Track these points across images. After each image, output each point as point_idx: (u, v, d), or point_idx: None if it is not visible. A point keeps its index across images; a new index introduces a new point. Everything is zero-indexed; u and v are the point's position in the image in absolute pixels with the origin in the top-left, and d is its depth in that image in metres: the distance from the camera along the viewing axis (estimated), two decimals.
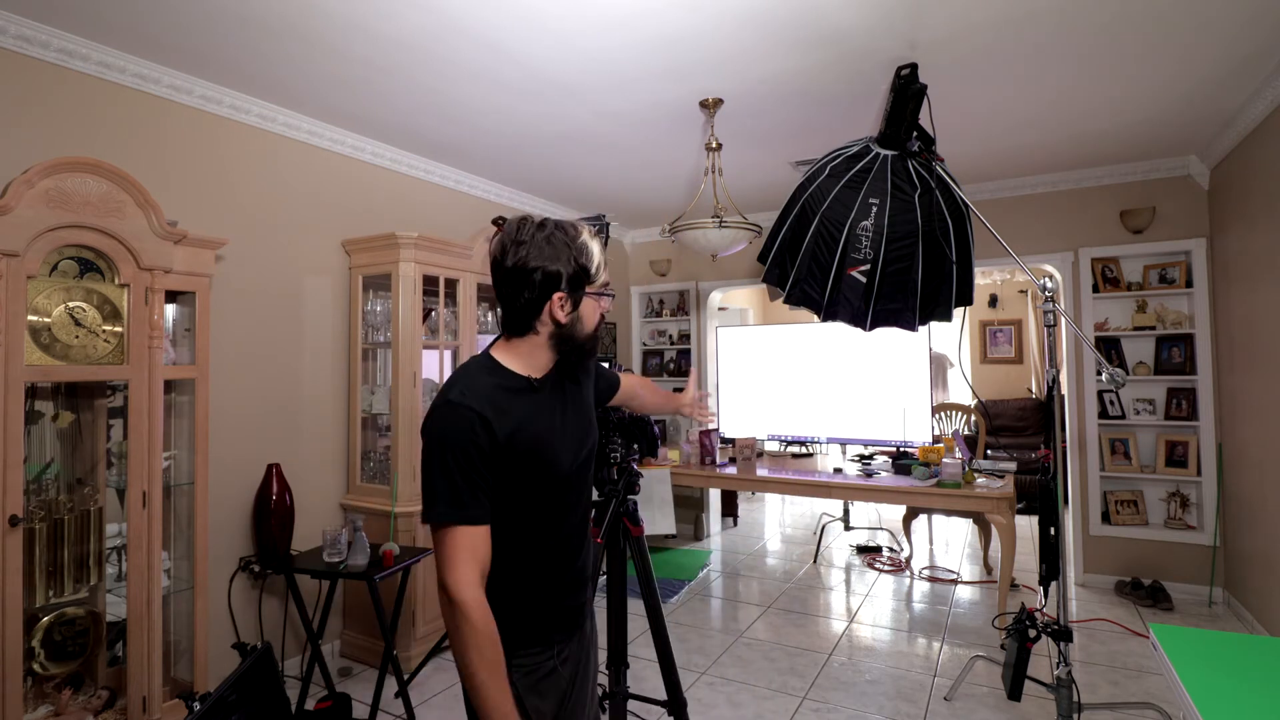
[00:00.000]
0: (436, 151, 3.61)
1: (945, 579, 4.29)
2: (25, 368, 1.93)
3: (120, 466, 2.24)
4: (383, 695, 2.65)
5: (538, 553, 1.22)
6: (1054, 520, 2.27)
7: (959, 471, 3.58)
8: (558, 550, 1.25)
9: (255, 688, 1.49)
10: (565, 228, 1.18)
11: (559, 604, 1.26)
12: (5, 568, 1.87)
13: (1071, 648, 2.42)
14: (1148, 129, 3.38)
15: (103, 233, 2.09)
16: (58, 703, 2.09)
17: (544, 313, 1.16)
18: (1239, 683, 1.30)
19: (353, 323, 3.30)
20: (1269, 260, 3.01)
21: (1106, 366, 2.07)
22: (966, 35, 2.37)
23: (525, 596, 1.22)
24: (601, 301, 1.22)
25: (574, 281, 1.16)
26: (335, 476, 3.26)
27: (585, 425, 1.29)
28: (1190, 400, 3.88)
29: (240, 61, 2.51)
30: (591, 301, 1.20)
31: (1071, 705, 2.18)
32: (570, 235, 1.17)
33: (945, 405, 5.71)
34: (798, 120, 3.18)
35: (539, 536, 1.22)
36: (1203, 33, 2.38)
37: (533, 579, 1.22)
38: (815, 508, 6.27)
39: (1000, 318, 7.72)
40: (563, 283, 1.14)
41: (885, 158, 2.36)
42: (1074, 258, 4.16)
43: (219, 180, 2.79)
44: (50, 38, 2.25)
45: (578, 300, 1.17)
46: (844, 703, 2.72)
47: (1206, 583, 3.80)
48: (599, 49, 2.45)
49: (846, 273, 2.44)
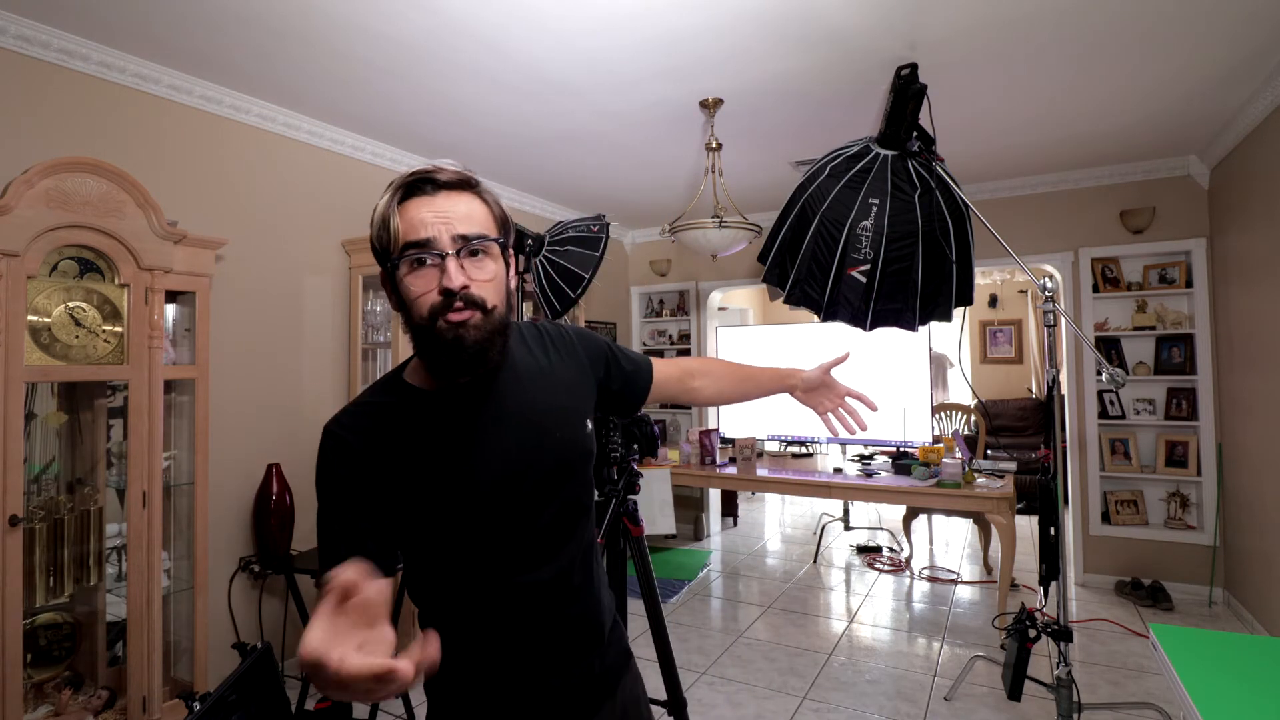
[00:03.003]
0: (437, 151, 3.60)
1: (945, 579, 4.29)
2: (25, 368, 1.93)
3: (120, 466, 2.24)
4: None
5: (478, 614, 0.92)
6: (1054, 520, 2.27)
7: (959, 471, 3.58)
8: (514, 606, 0.92)
9: (255, 688, 1.49)
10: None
11: (534, 685, 0.93)
12: (5, 568, 1.87)
13: (1071, 648, 2.42)
14: (1148, 129, 3.38)
15: (103, 233, 2.09)
16: (58, 703, 2.09)
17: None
18: (1239, 683, 1.30)
19: (353, 323, 3.30)
20: (1269, 260, 3.01)
21: (1106, 366, 2.07)
22: (966, 35, 2.37)
23: (471, 677, 0.93)
24: (411, 270, 0.85)
25: (379, 258, 0.89)
26: None
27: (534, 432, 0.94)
28: (1190, 400, 3.88)
29: (240, 61, 2.51)
30: (406, 273, 0.86)
31: (1071, 705, 2.18)
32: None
33: (945, 405, 5.71)
34: (798, 120, 3.18)
35: (470, 590, 0.92)
36: (1203, 33, 2.38)
37: (480, 651, 0.92)
38: (815, 508, 6.27)
39: (1000, 318, 7.72)
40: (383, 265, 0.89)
41: (885, 158, 2.36)
42: (1074, 258, 4.16)
43: (219, 180, 2.79)
44: (50, 38, 2.24)
45: (389, 278, 0.89)
46: (844, 703, 2.72)
47: (1206, 583, 3.80)
48: (599, 49, 2.45)
49: (846, 273, 2.44)
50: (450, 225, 0.85)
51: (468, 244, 0.85)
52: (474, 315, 0.85)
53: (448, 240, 0.84)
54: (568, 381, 1.03)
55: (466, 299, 0.84)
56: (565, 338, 1.08)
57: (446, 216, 0.85)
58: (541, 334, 1.07)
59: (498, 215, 0.92)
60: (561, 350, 1.05)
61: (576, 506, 0.99)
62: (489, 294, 0.87)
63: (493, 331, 0.87)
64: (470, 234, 0.86)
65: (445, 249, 0.84)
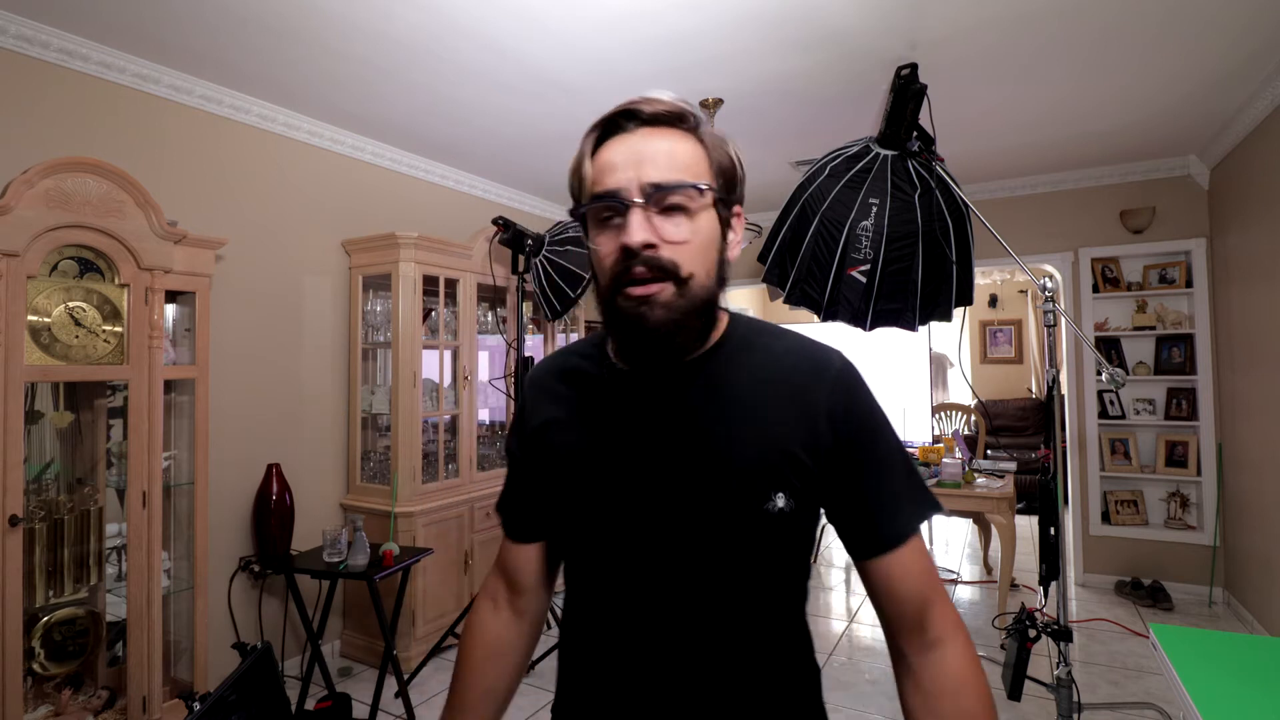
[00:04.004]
0: (436, 151, 3.61)
1: (945, 579, 4.29)
2: (25, 368, 1.93)
3: (120, 466, 2.24)
4: (383, 695, 2.65)
5: (584, 609, 0.82)
6: (1054, 520, 2.27)
7: (959, 471, 3.58)
8: (606, 621, 0.78)
9: (255, 688, 1.49)
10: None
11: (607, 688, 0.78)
12: (5, 568, 1.87)
13: (1071, 648, 2.42)
14: (1148, 129, 3.38)
15: (103, 233, 2.09)
16: (58, 703, 2.09)
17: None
18: (1239, 683, 1.30)
19: (353, 323, 3.30)
20: (1269, 260, 3.01)
21: (1106, 366, 2.07)
22: (966, 35, 2.37)
23: (573, 661, 0.84)
24: (599, 228, 0.72)
25: (574, 215, 0.77)
26: (335, 476, 3.26)
27: (701, 460, 0.73)
28: (1190, 400, 3.88)
29: (240, 61, 2.51)
30: (594, 233, 0.73)
31: (1071, 705, 2.18)
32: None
33: (945, 405, 5.71)
34: (798, 120, 3.18)
35: (583, 587, 0.81)
36: (1203, 33, 2.38)
37: (582, 642, 0.82)
38: None
39: (1000, 318, 7.72)
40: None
41: (885, 158, 2.36)
42: (1074, 258, 4.16)
43: (219, 180, 2.79)
44: (50, 38, 2.24)
45: (582, 225, 0.76)
46: (844, 703, 2.72)
47: (1206, 583, 3.80)
48: (599, 49, 2.45)
49: (846, 273, 2.44)
50: (642, 169, 0.69)
51: (660, 192, 0.68)
52: (663, 289, 0.68)
53: (636, 188, 0.68)
54: (777, 423, 0.74)
55: (651, 263, 0.68)
56: (818, 372, 0.76)
57: (640, 157, 0.70)
58: (798, 354, 0.78)
59: (716, 161, 0.73)
60: (795, 381, 0.76)
61: (726, 583, 0.74)
62: (685, 258, 0.69)
63: (688, 310, 0.70)
64: (666, 182, 0.68)
65: (632, 198, 0.68)
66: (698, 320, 0.72)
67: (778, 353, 0.77)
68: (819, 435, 0.73)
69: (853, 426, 0.74)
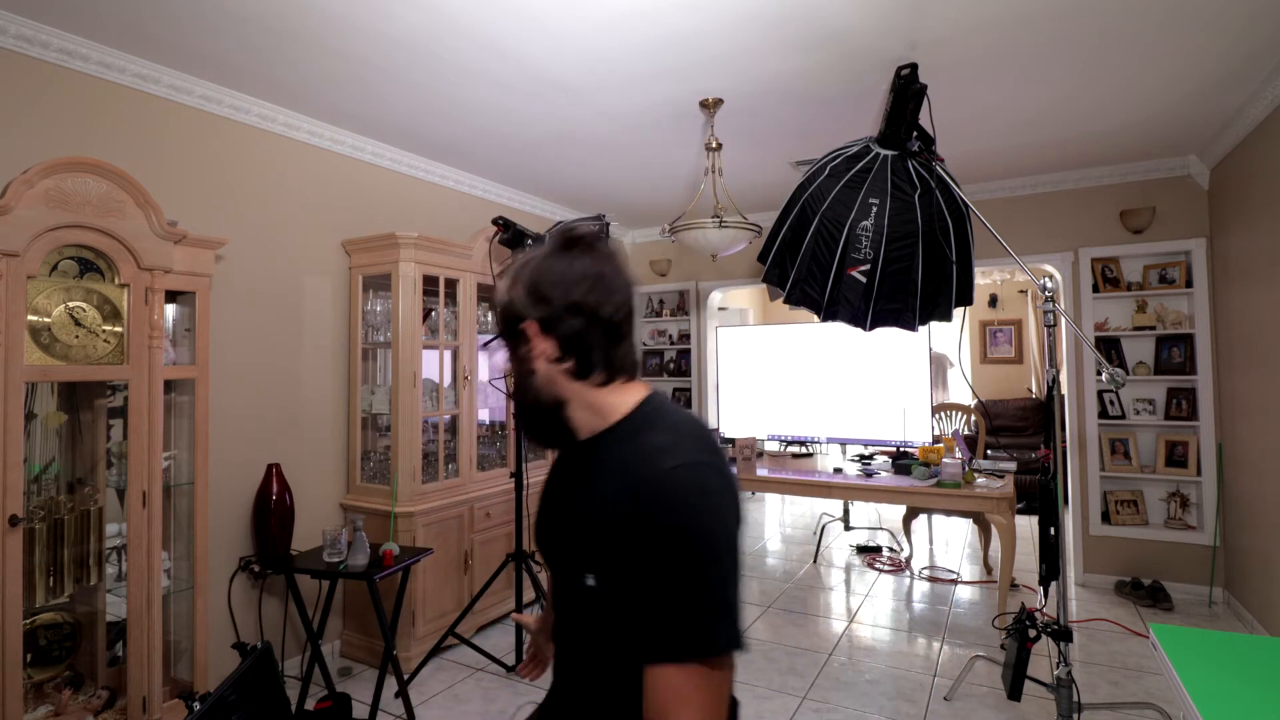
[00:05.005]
0: (436, 151, 3.61)
1: (945, 579, 4.29)
2: (25, 368, 1.93)
3: (120, 466, 2.24)
4: (383, 695, 2.65)
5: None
6: (1054, 520, 2.27)
7: (959, 471, 3.58)
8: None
9: (255, 688, 1.49)
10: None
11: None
12: (5, 568, 1.87)
13: (1071, 648, 2.42)
14: (1148, 129, 3.38)
15: (103, 233, 2.09)
16: (58, 703, 2.08)
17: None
18: (1239, 683, 1.30)
19: (353, 323, 3.30)
20: (1269, 260, 3.01)
21: (1106, 366, 2.07)
22: (967, 35, 2.37)
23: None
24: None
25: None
26: (335, 476, 3.26)
27: (575, 512, 0.90)
28: (1190, 400, 3.88)
29: (240, 61, 2.51)
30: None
31: (1071, 705, 2.18)
32: None
33: (945, 405, 5.71)
34: (798, 120, 3.18)
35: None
36: (1203, 33, 2.38)
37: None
38: (815, 508, 6.27)
39: (1000, 318, 7.72)
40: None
41: (885, 158, 2.36)
42: (1074, 258, 4.16)
43: (219, 180, 2.79)
44: (50, 38, 2.24)
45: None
46: (844, 703, 2.72)
47: (1206, 583, 3.80)
48: (598, 49, 2.45)
49: (846, 273, 2.45)
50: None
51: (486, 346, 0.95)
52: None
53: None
54: (600, 513, 0.85)
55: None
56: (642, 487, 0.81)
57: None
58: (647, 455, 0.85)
59: (501, 308, 0.94)
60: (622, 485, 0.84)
61: (581, 634, 0.91)
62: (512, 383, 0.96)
63: (525, 414, 0.95)
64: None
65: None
66: (538, 420, 0.94)
67: (639, 445, 0.85)
68: (620, 534, 0.80)
69: (644, 540, 0.78)
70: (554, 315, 0.87)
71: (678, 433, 0.85)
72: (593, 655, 0.89)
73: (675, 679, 0.75)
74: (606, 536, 0.82)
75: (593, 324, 0.87)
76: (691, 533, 0.77)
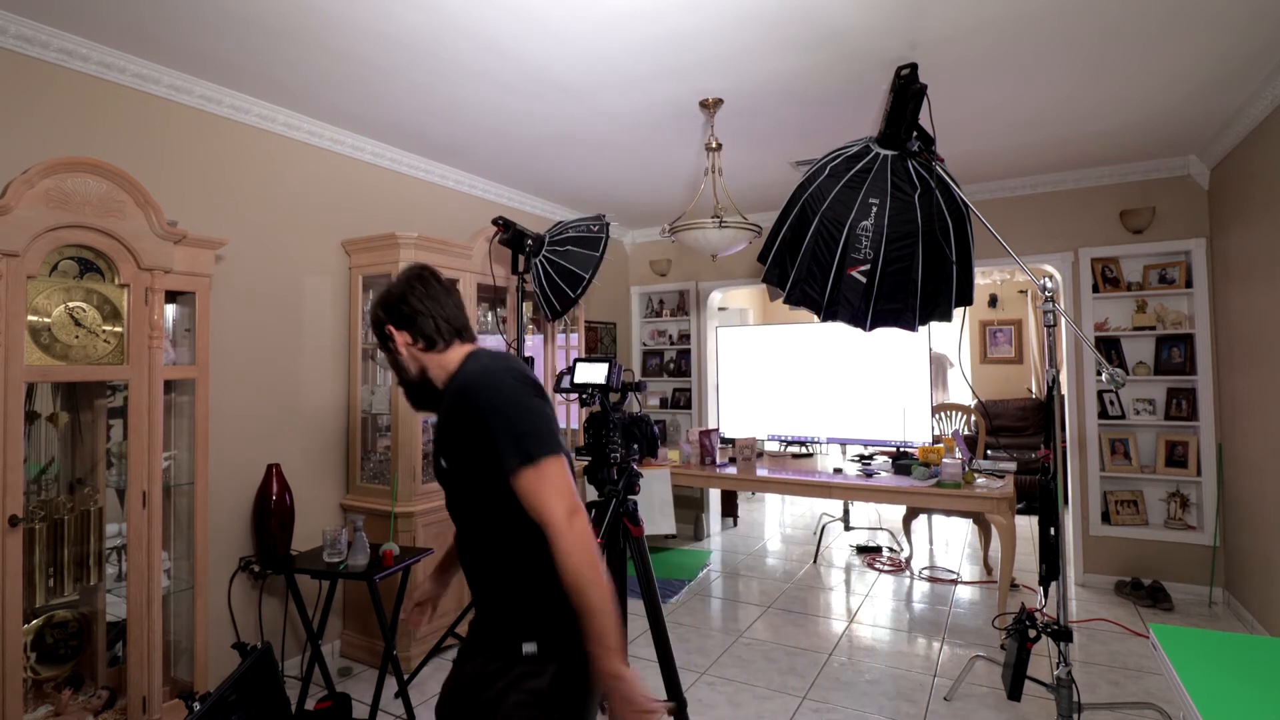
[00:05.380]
0: (436, 151, 3.61)
1: (945, 579, 4.29)
2: (25, 368, 1.93)
3: (120, 466, 2.24)
4: (383, 695, 2.65)
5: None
6: (1054, 520, 2.27)
7: (959, 471, 3.58)
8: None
9: (255, 688, 1.50)
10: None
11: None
12: (5, 568, 1.87)
13: (1071, 648, 2.42)
14: (1148, 129, 3.38)
15: (103, 233, 2.09)
16: (58, 703, 2.09)
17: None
18: (1239, 683, 1.30)
19: (353, 323, 3.30)
20: (1269, 260, 3.01)
21: (1106, 366, 2.07)
22: (966, 35, 2.37)
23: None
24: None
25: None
26: (335, 476, 3.26)
27: (437, 431, 1.36)
28: (1190, 400, 3.88)
29: (240, 61, 2.51)
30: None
31: (1071, 705, 2.18)
32: None
33: (945, 405, 5.71)
34: (798, 120, 3.18)
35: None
36: (1203, 33, 2.38)
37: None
38: (815, 508, 6.27)
39: (1000, 318, 7.72)
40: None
41: (885, 158, 2.36)
42: (1074, 258, 4.16)
43: (219, 180, 2.79)
44: (50, 38, 2.24)
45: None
46: (844, 703, 2.72)
47: (1206, 583, 3.80)
48: (598, 49, 2.45)
49: (846, 273, 2.44)
50: None
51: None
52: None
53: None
54: (444, 418, 1.33)
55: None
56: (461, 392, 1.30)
57: None
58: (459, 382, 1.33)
59: (371, 320, 1.40)
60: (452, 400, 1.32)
61: (460, 505, 1.32)
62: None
63: (408, 389, 1.39)
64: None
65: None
66: (414, 391, 1.39)
67: (461, 373, 1.31)
68: (454, 424, 1.27)
69: (468, 416, 1.24)
70: (403, 316, 1.33)
71: (483, 361, 1.30)
72: (477, 530, 1.29)
73: (529, 475, 1.16)
74: (449, 430, 1.27)
75: (425, 315, 1.32)
76: (494, 400, 1.21)
